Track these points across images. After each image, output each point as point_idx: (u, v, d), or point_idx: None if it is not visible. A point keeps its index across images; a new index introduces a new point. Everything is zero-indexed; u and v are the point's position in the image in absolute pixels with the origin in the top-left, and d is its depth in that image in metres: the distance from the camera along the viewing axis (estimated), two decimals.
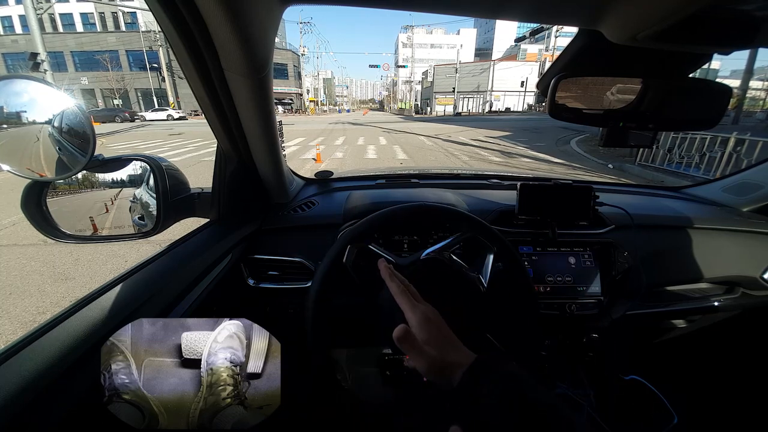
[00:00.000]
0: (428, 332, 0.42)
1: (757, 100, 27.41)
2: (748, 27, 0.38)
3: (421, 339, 0.41)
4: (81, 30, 35.32)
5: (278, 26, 0.55)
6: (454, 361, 0.40)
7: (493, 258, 0.65)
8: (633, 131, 0.60)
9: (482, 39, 77.44)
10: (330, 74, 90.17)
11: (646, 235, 0.96)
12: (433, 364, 0.40)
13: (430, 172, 1.43)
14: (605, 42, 0.42)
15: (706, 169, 5.27)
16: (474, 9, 0.45)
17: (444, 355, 0.41)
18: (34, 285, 2.43)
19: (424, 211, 0.66)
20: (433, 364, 0.40)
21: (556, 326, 0.92)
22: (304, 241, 0.90)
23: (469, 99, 38.48)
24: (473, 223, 0.64)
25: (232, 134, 0.72)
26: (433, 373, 0.40)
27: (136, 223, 0.70)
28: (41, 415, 0.38)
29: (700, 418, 1.06)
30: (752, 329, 1.10)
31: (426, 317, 0.43)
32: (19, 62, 29.03)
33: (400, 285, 0.47)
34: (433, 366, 0.40)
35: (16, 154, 0.48)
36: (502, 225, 0.92)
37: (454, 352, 0.41)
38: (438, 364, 0.40)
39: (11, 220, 3.67)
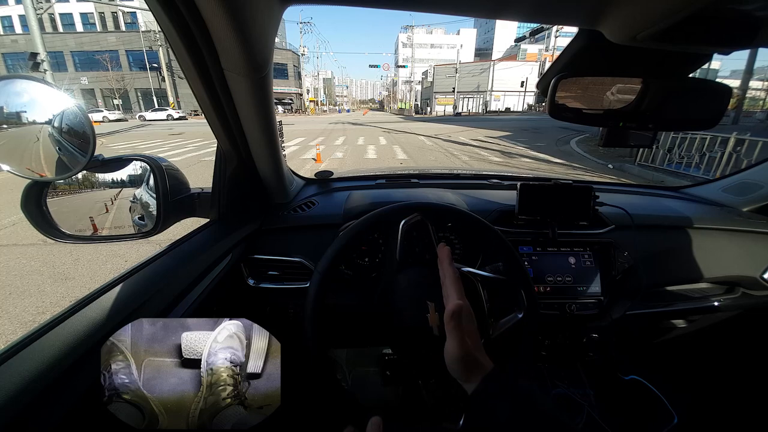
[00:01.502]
0: (469, 325, 0.43)
1: (756, 100, 27.42)
2: (748, 27, 0.38)
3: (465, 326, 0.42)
4: (81, 30, 35.32)
5: (278, 26, 0.55)
6: (480, 362, 0.40)
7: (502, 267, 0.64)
8: (633, 131, 0.60)
9: (482, 39, 77.44)
10: (330, 74, 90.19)
11: (646, 235, 0.96)
12: (465, 355, 0.40)
13: (430, 172, 1.44)
14: (605, 42, 0.42)
15: (706, 169, 5.28)
16: (474, 9, 0.45)
17: (475, 352, 0.41)
18: (34, 285, 2.43)
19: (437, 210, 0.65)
20: (465, 354, 0.40)
21: (556, 326, 0.92)
22: (304, 241, 0.90)
23: (469, 99, 38.49)
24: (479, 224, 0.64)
25: (232, 134, 0.72)
26: (461, 363, 0.40)
27: (136, 223, 0.70)
28: (41, 415, 0.38)
29: (700, 418, 1.06)
30: (752, 329, 1.10)
31: (470, 309, 0.44)
32: (19, 62, 29.04)
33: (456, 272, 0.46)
34: (464, 356, 0.40)
35: (16, 154, 0.48)
36: (502, 225, 0.92)
37: (481, 354, 0.42)
38: (469, 357, 0.40)
39: (11, 220, 3.67)
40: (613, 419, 0.97)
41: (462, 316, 0.42)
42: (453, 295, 0.44)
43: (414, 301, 0.55)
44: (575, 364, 1.07)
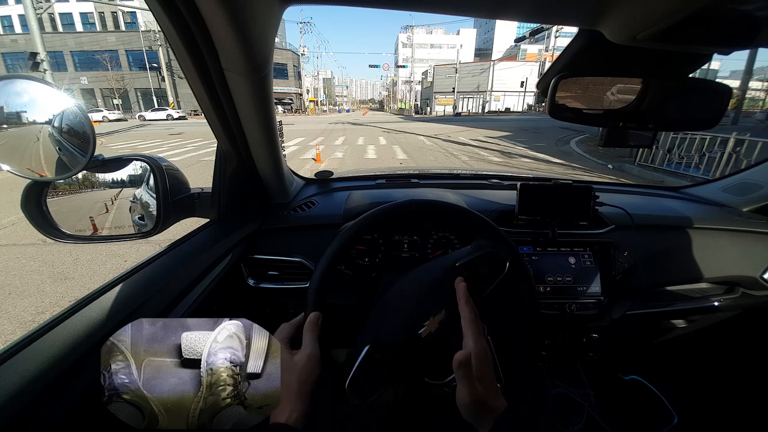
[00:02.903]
0: (484, 369, 0.41)
1: (756, 101, 27.44)
2: (748, 27, 0.38)
3: (476, 372, 0.41)
4: (81, 30, 35.31)
5: (278, 26, 0.55)
6: (493, 406, 0.40)
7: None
8: (633, 131, 0.60)
9: (482, 39, 77.46)
10: (330, 74, 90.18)
11: (646, 235, 0.96)
12: (476, 402, 0.40)
13: (430, 172, 1.44)
14: (605, 42, 0.42)
15: (706, 169, 5.28)
16: (474, 9, 0.45)
17: (487, 398, 0.40)
18: (34, 285, 2.43)
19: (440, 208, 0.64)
20: (476, 401, 0.40)
21: (556, 326, 0.92)
22: (304, 241, 0.90)
23: (469, 99, 38.51)
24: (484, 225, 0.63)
25: (232, 134, 0.72)
26: (472, 410, 0.40)
27: (136, 223, 0.69)
28: (41, 415, 0.38)
29: (700, 418, 1.06)
30: (752, 329, 1.10)
31: (486, 352, 0.42)
32: (19, 62, 29.03)
33: (474, 310, 0.45)
34: (475, 403, 0.40)
35: (16, 154, 0.48)
36: (502, 225, 0.92)
37: (495, 397, 0.41)
38: (480, 404, 0.40)
39: (11, 220, 3.67)
40: (613, 419, 0.97)
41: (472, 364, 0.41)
42: (469, 338, 0.42)
43: (411, 301, 0.54)
44: (575, 364, 1.07)
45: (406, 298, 0.56)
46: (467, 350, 0.41)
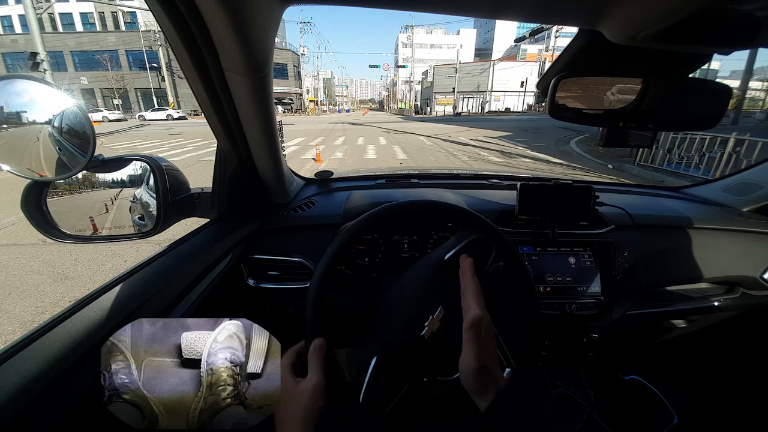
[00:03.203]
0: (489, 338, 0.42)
1: (756, 101, 27.44)
2: (748, 27, 0.38)
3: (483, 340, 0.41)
4: (81, 30, 35.31)
5: (278, 26, 0.55)
6: (495, 378, 0.40)
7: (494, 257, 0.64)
8: (633, 131, 0.60)
9: (482, 39, 77.45)
10: (330, 74, 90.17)
11: (646, 235, 0.96)
12: (482, 369, 0.40)
13: (430, 172, 1.44)
14: (605, 42, 0.42)
15: (706, 169, 5.28)
16: (474, 9, 0.45)
17: (491, 366, 0.41)
18: (34, 285, 2.43)
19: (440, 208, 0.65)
20: (482, 368, 0.40)
21: (556, 326, 0.92)
22: (304, 241, 0.90)
23: (469, 99, 38.50)
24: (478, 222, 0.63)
25: (232, 134, 0.72)
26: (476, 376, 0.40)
27: (136, 223, 0.69)
28: (41, 415, 0.38)
29: (700, 418, 1.06)
30: (752, 329, 1.10)
31: (490, 323, 0.43)
32: (19, 62, 29.03)
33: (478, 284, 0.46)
34: (480, 370, 0.40)
35: (16, 154, 0.48)
36: (502, 225, 0.92)
37: (497, 368, 0.41)
38: (485, 371, 0.40)
39: (11, 220, 3.67)
40: (613, 419, 0.97)
41: (482, 328, 0.41)
42: (474, 306, 0.43)
43: (411, 301, 0.54)
44: (575, 364, 1.07)
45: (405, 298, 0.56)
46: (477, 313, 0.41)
